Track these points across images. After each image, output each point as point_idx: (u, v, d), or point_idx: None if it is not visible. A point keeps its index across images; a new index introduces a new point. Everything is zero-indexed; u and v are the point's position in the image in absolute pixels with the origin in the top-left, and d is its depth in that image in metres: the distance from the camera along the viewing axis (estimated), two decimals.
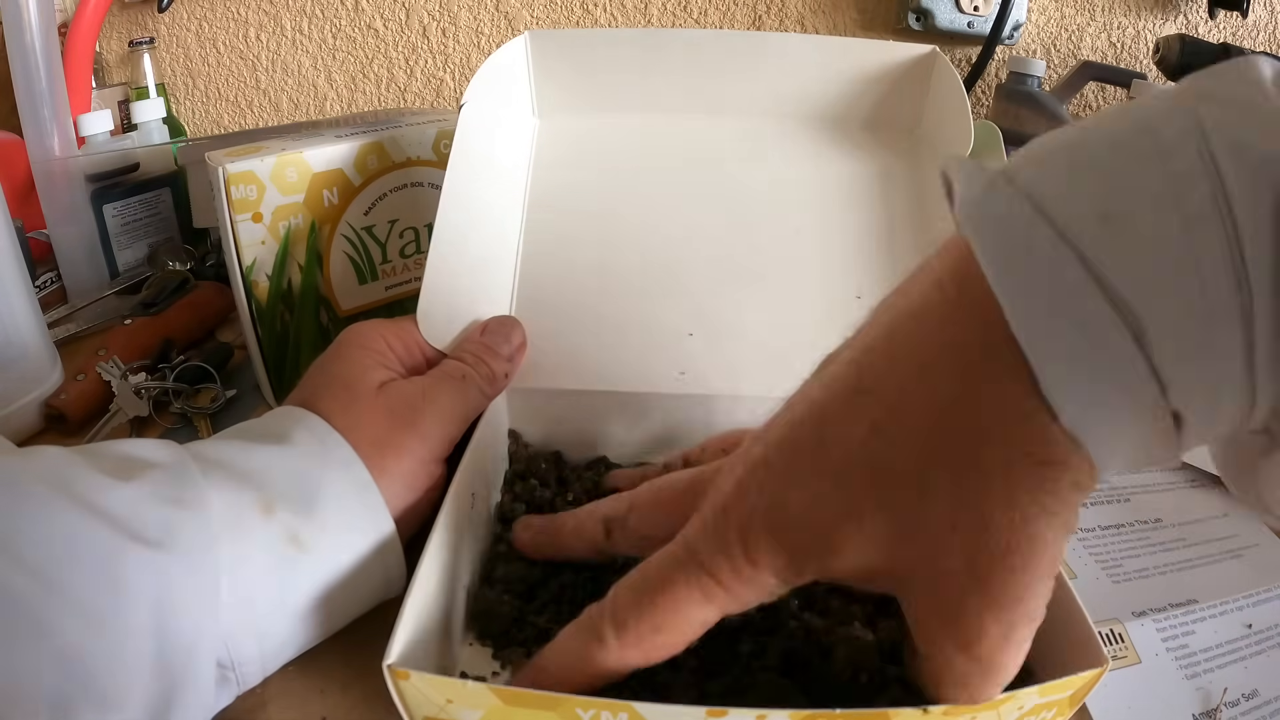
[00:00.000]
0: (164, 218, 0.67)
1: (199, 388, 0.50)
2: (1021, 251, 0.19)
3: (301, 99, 0.90)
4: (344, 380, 0.35)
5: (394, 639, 0.25)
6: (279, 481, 0.30)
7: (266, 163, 0.43)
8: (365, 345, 0.37)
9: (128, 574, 0.26)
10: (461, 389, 0.36)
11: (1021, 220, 0.19)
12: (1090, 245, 0.18)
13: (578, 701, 0.23)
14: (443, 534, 0.29)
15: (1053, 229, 0.18)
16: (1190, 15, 0.73)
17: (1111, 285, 0.18)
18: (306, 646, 0.31)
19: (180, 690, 0.26)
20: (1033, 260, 0.19)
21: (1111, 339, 0.18)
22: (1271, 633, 0.34)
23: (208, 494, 0.28)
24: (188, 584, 0.27)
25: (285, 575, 0.29)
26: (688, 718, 0.23)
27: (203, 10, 0.87)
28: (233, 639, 0.28)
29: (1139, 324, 0.18)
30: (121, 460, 0.29)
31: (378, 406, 0.34)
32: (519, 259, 0.43)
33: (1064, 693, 0.25)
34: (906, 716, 0.23)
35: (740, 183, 0.44)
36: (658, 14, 0.81)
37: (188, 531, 0.27)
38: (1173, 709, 0.31)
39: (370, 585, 0.32)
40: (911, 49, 0.44)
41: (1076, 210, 0.18)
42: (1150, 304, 0.18)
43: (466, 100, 0.42)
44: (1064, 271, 0.18)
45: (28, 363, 0.46)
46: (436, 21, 0.84)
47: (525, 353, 0.40)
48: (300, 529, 0.30)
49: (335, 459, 0.32)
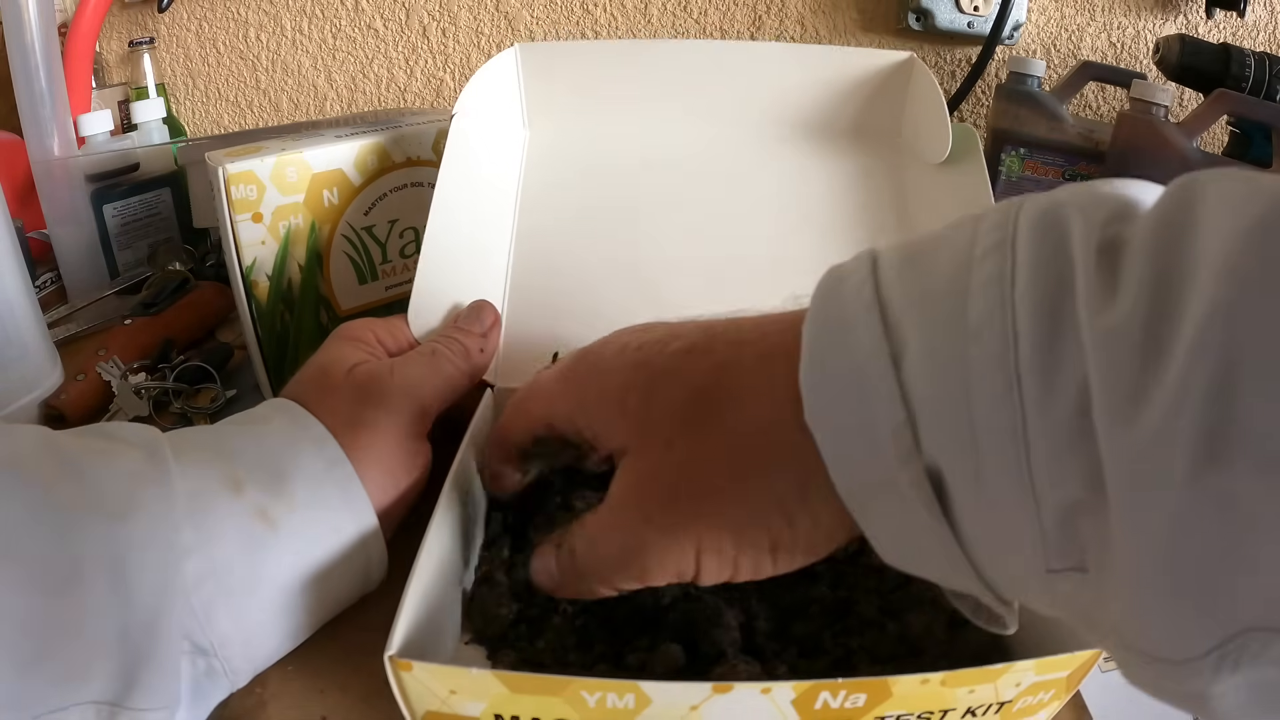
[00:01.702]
0: (164, 218, 0.67)
1: (199, 388, 0.50)
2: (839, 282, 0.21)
3: (301, 99, 0.90)
4: (322, 368, 0.36)
5: (395, 630, 0.25)
6: (249, 460, 0.30)
7: (266, 163, 0.43)
8: (350, 337, 0.37)
9: (84, 540, 0.26)
10: (431, 362, 0.37)
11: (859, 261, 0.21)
12: (889, 275, 0.20)
13: (583, 684, 0.23)
14: (439, 529, 0.29)
15: (871, 263, 0.21)
16: (1190, 15, 0.73)
17: (890, 306, 0.19)
18: (294, 635, 0.31)
19: (145, 664, 0.26)
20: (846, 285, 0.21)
21: (870, 348, 0.19)
22: None
23: (173, 471, 0.29)
24: (146, 556, 0.27)
25: (256, 552, 0.29)
26: (694, 693, 0.23)
27: (203, 10, 0.87)
28: (207, 618, 0.28)
29: (900, 344, 0.19)
30: (102, 439, 0.30)
31: (347, 386, 0.34)
32: (510, 262, 0.44)
33: (1061, 671, 0.25)
34: (906, 684, 0.23)
35: (728, 189, 0.45)
36: (657, 13, 0.81)
37: (147, 505, 0.27)
38: (1173, 709, 0.31)
39: (349, 568, 0.32)
40: (890, 55, 0.45)
41: (895, 253, 0.21)
42: (912, 322, 0.19)
43: (457, 111, 0.43)
44: (861, 294, 0.20)
45: (28, 363, 0.46)
46: (436, 21, 0.84)
47: (500, 329, 0.41)
48: (269, 505, 0.30)
49: (307, 437, 0.32)
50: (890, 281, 0.20)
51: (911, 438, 0.18)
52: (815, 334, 0.20)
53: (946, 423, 0.18)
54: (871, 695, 0.24)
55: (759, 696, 0.23)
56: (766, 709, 0.24)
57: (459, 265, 0.42)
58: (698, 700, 0.24)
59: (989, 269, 0.18)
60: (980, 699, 0.24)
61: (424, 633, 0.27)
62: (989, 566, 0.19)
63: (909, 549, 0.21)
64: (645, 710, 0.24)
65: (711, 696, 0.23)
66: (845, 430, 0.20)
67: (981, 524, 0.19)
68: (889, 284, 0.20)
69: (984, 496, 0.18)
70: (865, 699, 0.24)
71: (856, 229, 0.44)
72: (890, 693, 0.24)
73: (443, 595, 0.30)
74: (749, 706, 0.24)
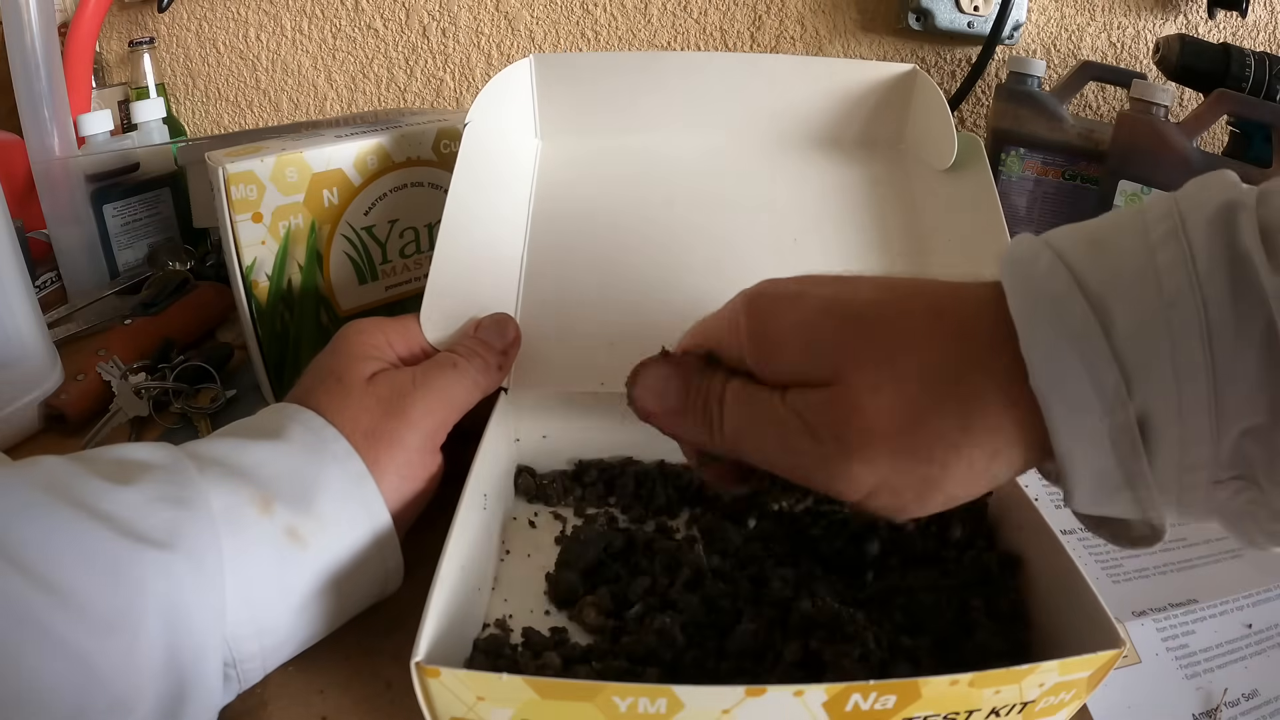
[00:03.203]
0: (164, 218, 0.67)
1: (199, 388, 0.50)
2: (1028, 266, 0.24)
3: (301, 99, 0.90)
4: (336, 374, 0.35)
5: (421, 637, 0.25)
6: (276, 478, 0.30)
7: (266, 163, 0.43)
8: (362, 340, 0.37)
9: (137, 576, 0.26)
10: (453, 376, 0.36)
11: (1034, 249, 0.25)
12: (1077, 260, 0.24)
13: (615, 689, 0.23)
14: (461, 535, 0.29)
15: (1052, 250, 0.24)
16: (1190, 15, 0.73)
17: (1089, 286, 0.23)
18: (306, 643, 0.31)
19: (191, 691, 0.26)
20: (1035, 269, 0.24)
21: (1082, 321, 0.23)
22: (1271, 633, 0.34)
23: (207, 492, 0.28)
24: (196, 583, 0.27)
25: (285, 571, 0.29)
26: (726, 698, 0.23)
27: (203, 10, 0.87)
28: (236, 638, 0.28)
29: (1107, 315, 0.23)
30: (118, 464, 0.29)
31: (368, 396, 0.34)
32: (524, 268, 0.44)
33: (1083, 672, 0.25)
34: (935, 685, 0.24)
35: (737, 196, 0.46)
36: (657, 13, 0.81)
37: (192, 531, 0.27)
38: (1173, 709, 0.31)
39: (368, 579, 0.32)
40: (893, 68, 0.47)
41: (1072, 242, 0.25)
42: (1115, 296, 0.23)
43: (470, 120, 0.43)
44: (1056, 276, 0.24)
45: (28, 363, 0.46)
46: (436, 21, 0.84)
47: (519, 347, 0.40)
48: (299, 524, 0.30)
49: (330, 453, 0.32)
50: (1082, 266, 0.24)
51: (1125, 391, 0.22)
52: (1024, 311, 0.24)
53: (1154, 375, 0.22)
54: (901, 697, 0.24)
55: (791, 699, 0.24)
56: (798, 711, 0.24)
57: (472, 270, 0.42)
58: (730, 704, 0.24)
59: (1171, 252, 0.22)
60: (1005, 699, 0.25)
61: (446, 641, 0.27)
62: (1166, 489, 0.23)
63: (1105, 489, 0.24)
64: (677, 715, 0.24)
65: (744, 700, 0.23)
66: (1071, 391, 0.23)
67: (1174, 454, 0.22)
68: (1081, 268, 0.23)
69: (1183, 430, 0.22)
70: (895, 700, 0.24)
71: (865, 235, 0.44)
72: (920, 694, 0.24)
73: (463, 604, 0.30)
74: (782, 709, 0.24)
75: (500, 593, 0.34)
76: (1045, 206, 0.66)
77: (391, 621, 0.33)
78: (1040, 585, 0.31)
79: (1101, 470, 0.23)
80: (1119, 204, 0.59)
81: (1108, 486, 0.23)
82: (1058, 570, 0.29)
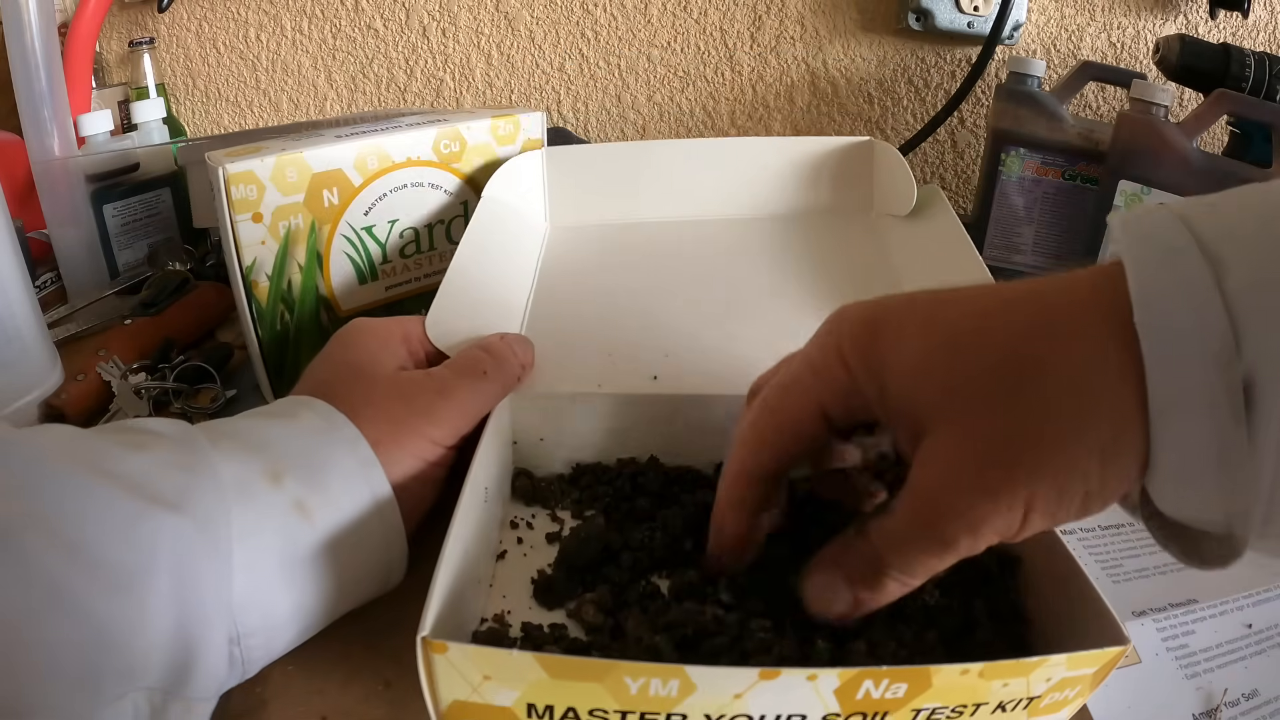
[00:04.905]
0: (164, 218, 0.67)
1: (199, 388, 0.50)
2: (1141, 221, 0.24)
3: (301, 99, 0.90)
4: (355, 367, 0.35)
5: (427, 612, 0.24)
6: (286, 452, 0.30)
7: (266, 163, 0.43)
8: (378, 337, 0.37)
9: (148, 534, 0.26)
10: (481, 387, 0.36)
11: (1148, 210, 0.24)
12: (1194, 217, 0.23)
13: (627, 669, 0.23)
14: (464, 519, 0.29)
15: (1170, 212, 0.24)
16: (1190, 15, 0.73)
17: (1204, 238, 0.22)
18: (309, 630, 0.31)
19: (196, 661, 0.26)
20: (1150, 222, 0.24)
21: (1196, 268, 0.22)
22: (1271, 633, 0.34)
23: (217, 461, 0.29)
24: (205, 547, 0.27)
25: (291, 545, 0.29)
26: (739, 680, 0.23)
27: (203, 10, 0.87)
28: (240, 607, 0.28)
29: (1222, 265, 0.22)
30: (130, 432, 0.29)
31: (391, 392, 0.34)
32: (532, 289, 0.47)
33: (1089, 668, 0.25)
34: (946, 674, 0.24)
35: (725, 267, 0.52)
36: (657, 13, 0.81)
37: (202, 496, 0.27)
38: (1173, 709, 0.31)
39: (372, 566, 0.32)
40: (849, 141, 0.55)
41: (1192, 205, 0.24)
42: (1232, 249, 0.22)
43: (486, 196, 0.49)
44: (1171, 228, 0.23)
45: (28, 363, 0.46)
46: (436, 21, 0.85)
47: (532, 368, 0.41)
48: (307, 498, 0.30)
49: (340, 437, 0.32)
50: (1199, 222, 0.23)
51: (1234, 345, 0.21)
52: (1138, 258, 0.23)
53: (1266, 329, 0.21)
54: (912, 685, 0.24)
55: (804, 683, 0.23)
56: (810, 697, 0.24)
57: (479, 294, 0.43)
58: (742, 688, 0.23)
59: None
60: (1012, 693, 0.25)
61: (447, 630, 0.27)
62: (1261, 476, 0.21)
63: (1192, 470, 0.22)
64: (689, 697, 0.23)
65: (757, 683, 0.23)
66: (1174, 333, 0.22)
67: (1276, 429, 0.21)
68: (1197, 224, 0.23)
69: None
70: (906, 689, 0.24)
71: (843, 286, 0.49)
72: (930, 683, 0.24)
73: (464, 592, 0.29)
74: (794, 693, 0.24)
75: (498, 590, 0.34)
76: (1045, 207, 0.66)
77: (392, 621, 0.33)
78: (1041, 585, 0.31)
79: (1194, 440, 0.22)
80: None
81: (1196, 464, 0.22)
82: (1059, 569, 0.29)
